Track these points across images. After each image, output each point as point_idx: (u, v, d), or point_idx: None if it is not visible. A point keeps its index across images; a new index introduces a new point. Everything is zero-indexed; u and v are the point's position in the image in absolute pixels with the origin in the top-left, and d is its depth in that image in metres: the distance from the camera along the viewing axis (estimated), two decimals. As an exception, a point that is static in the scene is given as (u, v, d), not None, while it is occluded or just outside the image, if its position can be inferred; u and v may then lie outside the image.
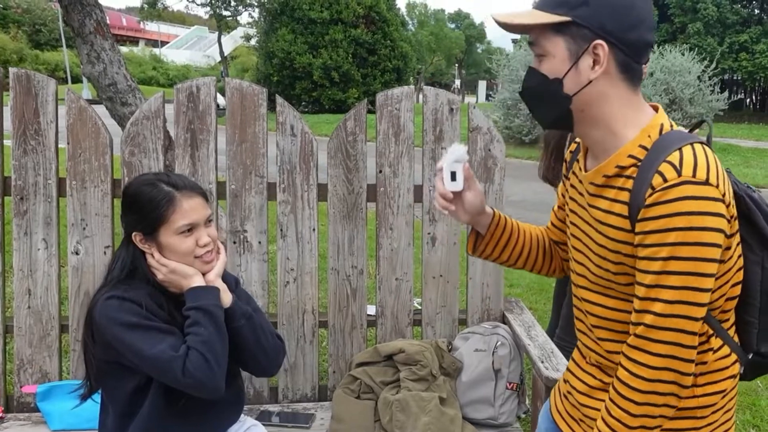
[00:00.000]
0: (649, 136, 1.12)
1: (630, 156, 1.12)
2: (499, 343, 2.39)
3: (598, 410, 1.24)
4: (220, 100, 2.61)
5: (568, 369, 1.41)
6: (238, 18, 34.70)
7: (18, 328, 2.37)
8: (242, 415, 1.90)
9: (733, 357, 1.22)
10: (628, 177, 1.12)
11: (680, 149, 1.07)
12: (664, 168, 1.05)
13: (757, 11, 27.02)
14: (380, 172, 2.50)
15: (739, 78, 28.37)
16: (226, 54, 34.84)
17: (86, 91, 25.79)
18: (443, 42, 52.64)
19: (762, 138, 18.68)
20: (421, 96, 2.58)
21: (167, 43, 58.97)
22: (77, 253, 2.37)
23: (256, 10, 32.53)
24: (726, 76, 26.87)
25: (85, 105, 2.34)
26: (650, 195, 1.06)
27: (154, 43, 57.12)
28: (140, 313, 1.57)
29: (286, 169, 2.44)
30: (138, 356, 1.54)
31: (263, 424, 2.00)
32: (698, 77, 15.90)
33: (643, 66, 1.17)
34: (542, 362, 2.07)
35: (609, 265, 1.17)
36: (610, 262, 1.17)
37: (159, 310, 1.62)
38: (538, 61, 1.15)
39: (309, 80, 26.37)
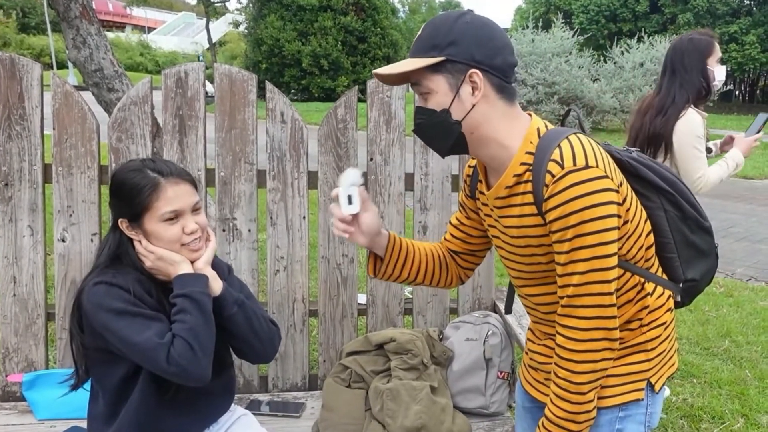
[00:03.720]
0: (531, 142, 1.28)
1: (522, 164, 1.29)
2: (490, 332, 2.38)
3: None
4: (208, 87, 2.58)
5: (527, 347, 1.58)
6: (227, 4, 34.38)
7: (3, 316, 2.34)
8: (232, 405, 1.88)
9: (668, 293, 1.42)
10: (527, 181, 1.28)
11: (558, 146, 1.23)
12: (551, 166, 1.22)
13: (746, 2, 27.09)
14: (371, 160, 2.48)
15: (728, 69, 28.48)
16: (214, 41, 34.48)
17: (72, 76, 25.53)
18: (434, 30, 52.28)
19: (750, 129, 18.79)
20: None
21: (154, 29, 58.31)
22: (64, 241, 2.34)
23: (245, -5, 32.21)
24: (715, 67, 26.93)
25: (71, 90, 2.30)
26: (546, 190, 1.23)
27: (141, 29, 56.47)
28: (128, 299, 1.54)
29: (276, 157, 2.41)
30: (124, 343, 1.52)
31: (253, 414, 1.99)
32: (688, 68, 15.90)
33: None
34: (533, 351, 2.07)
35: (539, 259, 1.34)
36: (539, 255, 1.33)
37: (147, 296, 1.59)
38: (423, 100, 1.30)
39: (298, 68, 26.20)
